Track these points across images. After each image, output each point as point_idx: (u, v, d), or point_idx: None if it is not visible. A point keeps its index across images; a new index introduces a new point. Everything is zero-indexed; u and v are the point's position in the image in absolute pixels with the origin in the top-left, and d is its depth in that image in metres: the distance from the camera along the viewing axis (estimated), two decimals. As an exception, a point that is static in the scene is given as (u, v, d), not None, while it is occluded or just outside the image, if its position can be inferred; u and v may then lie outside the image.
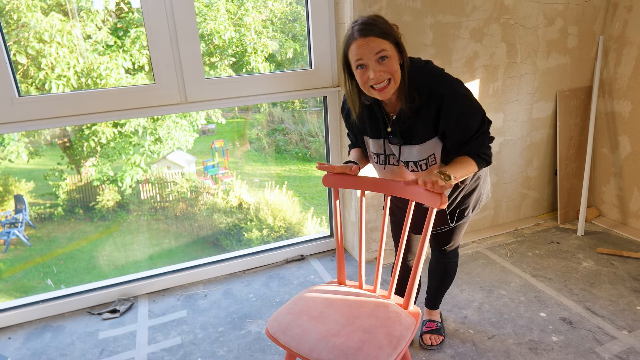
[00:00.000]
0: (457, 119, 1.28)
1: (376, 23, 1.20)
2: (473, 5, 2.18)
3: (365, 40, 1.19)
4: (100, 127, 5.10)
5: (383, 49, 1.19)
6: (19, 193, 5.90)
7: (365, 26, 1.20)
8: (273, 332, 1.26)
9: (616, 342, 1.76)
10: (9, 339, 1.93)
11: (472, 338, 1.82)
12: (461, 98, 1.28)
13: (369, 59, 1.20)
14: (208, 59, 5.31)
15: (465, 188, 1.49)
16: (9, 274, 5.20)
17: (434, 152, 1.35)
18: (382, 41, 1.19)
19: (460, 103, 1.27)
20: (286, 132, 7.23)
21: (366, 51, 1.19)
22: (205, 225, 5.97)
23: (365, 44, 1.19)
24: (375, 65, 1.20)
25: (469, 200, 1.52)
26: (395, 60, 1.22)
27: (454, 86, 1.28)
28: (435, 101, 1.27)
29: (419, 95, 1.28)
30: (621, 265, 2.28)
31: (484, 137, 1.33)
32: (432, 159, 1.36)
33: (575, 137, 2.71)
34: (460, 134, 1.30)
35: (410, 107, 1.29)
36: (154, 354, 1.80)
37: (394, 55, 1.22)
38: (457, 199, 1.50)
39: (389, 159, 1.43)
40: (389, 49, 1.20)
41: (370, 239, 2.37)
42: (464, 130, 1.30)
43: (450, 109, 1.26)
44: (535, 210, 2.83)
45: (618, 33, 2.51)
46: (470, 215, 1.56)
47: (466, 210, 1.53)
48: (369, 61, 1.20)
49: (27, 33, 4.40)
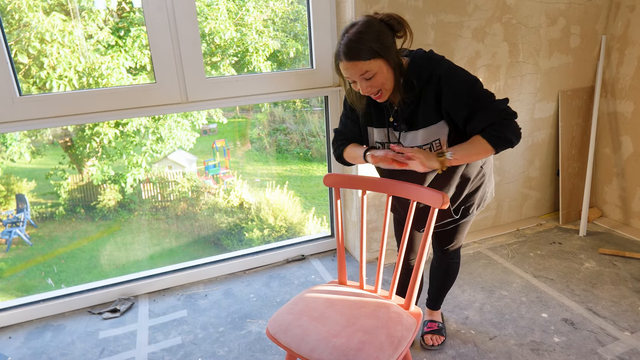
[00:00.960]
0: (455, 97, 1.27)
1: (361, 42, 1.21)
2: (475, 5, 2.18)
3: (351, 64, 1.24)
4: (102, 127, 5.11)
5: (367, 70, 1.24)
6: (20, 192, 5.91)
7: (349, 49, 1.23)
8: (273, 333, 1.26)
9: (618, 343, 1.75)
10: (9, 338, 1.93)
11: (474, 339, 1.81)
12: (456, 77, 1.28)
13: (355, 78, 1.26)
14: (209, 59, 5.31)
15: (470, 185, 1.48)
16: (10, 273, 5.21)
17: (438, 137, 1.34)
18: (367, 63, 1.23)
19: (456, 81, 1.28)
20: (287, 132, 7.23)
21: (352, 73, 1.25)
22: (206, 224, 5.97)
23: (351, 67, 1.24)
24: (362, 83, 1.27)
25: (473, 198, 1.51)
26: (382, 73, 1.25)
27: (450, 67, 1.30)
28: (434, 83, 1.29)
29: (418, 80, 1.29)
30: (623, 266, 2.27)
31: (494, 108, 1.28)
32: (436, 144, 1.35)
33: (578, 137, 2.70)
34: (464, 111, 1.28)
35: (408, 96, 1.31)
36: (154, 354, 1.80)
37: (380, 70, 1.25)
38: (462, 194, 1.49)
39: None
40: (374, 67, 1.24)
41: (371, 239, 2.37)
42: (466, 107, 1.27)
43: (449, 87, 1.28)
44: (537, 210, 2.83)
45: (621, 33, 2.50)
46: (474, 212, 1.55)
47: (471, 207, 1.53)
48: (356, 79, 1.27)
49: (28, 33, 4.40)
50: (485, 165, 1.49)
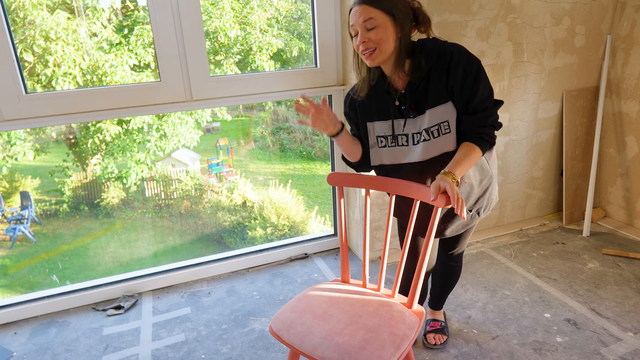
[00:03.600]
0: (463, 74, 1.26)
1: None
2: (479, 4, 2.17)
3: (360, 8, 1.23)
4: (105, 124, 5.13)
5: (371, 17, 1.22)
6: (24, 190, 5.95)
7: None
8: (277, 330, 1.26)
9: (621, 343, 1.75)
10: (14, 334, 1.95)
11: (476, 338, 1.81)
12: (468, 57, 1.27)
13: (358, 25, 1.24)
14: (213, 57, 5.32)
15: (479, 188, 1.46)
16: (14, 270, 5.25)
17: (447, 119, 1.31)
18: (374, 10, 1.22)
19: (467, 60, 1.26)
20: (291, 131, 7.23)
21: (357, 17, 1.24)
22: (210, 223, 5.99)
23: (358, 11, 1.23)
24: (363, 33, 1.24)
25: (481, 201, 1.48)
26: (384, 30, 1.23)
27: (464, 48, 1.29)
28: (444, 59, 1.26)
29: (427, 59, 1.28)
30: (627, 267, 2.26)
31: (492, 111, 1.30)
32: (445, 127, 1.31)
33: (582, 138, 2.69)
34: (467, 94, 1.27)
35: (417, 76, 1.29)
36: (158, 351, 1.81)
37: (384, 25, 1.23)
38: (470, 198, 1.47)
39: (398, 140, 1.39)
40: (379, 19, 1.22)
41: (374, 237, 2.37)
42: (471, 90, 1.27)
43: (458, 63, 1.26)
44: (540, 210, 2.82)
45: (626, 32, 2.49)
46: (482, 216, 1.53)
47: (480, 210, 1.50)
48: (358, 28, 1.24)
49: (33, 31, 4.43)
50: (492, 166, 1.47)
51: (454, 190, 1.17)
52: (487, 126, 1.31)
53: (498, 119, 1.34)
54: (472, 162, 1.28)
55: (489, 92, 1.30)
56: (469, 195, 1.44)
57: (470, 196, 1.45)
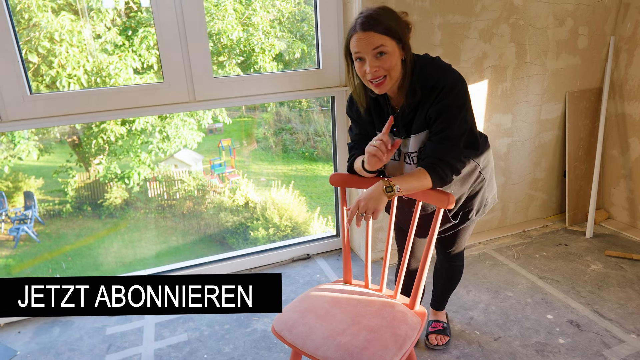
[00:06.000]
0: (444, 106, 1.24)
1: (380, 17, 1.20)
2: (482, 5, 2.17)
3: (365, 35, 1.19)
4: (109, 125, 5.15)
5: (382, 44, 1.18)
6: (28, 190, 5.97)
7: (367, 19, 1.19)
8: (279, 330, 1.27)
9: (624, 345, 1.74)
10: (18, 333, 1.96)
11: (478, 339, 1.81)
12: (457, 93, 1.25)
13: (366, 52, 1.20)
14: (216, 58, 5.34)
15: (469, 190, 1.46)
16: (18, 270, 5.27)
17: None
18: (382, 37, 1.18)
19: (455, 96, 1.24)
20: (293, 132, 7.24)
21: (365, 45, 1.19)
22: (212, 223, 6.00)
23: (364, 38, 1.19)
24: (373, 61, 1.20)
25: (472, 203, 1.48)
26: (394, 56, 1.21)
27: (459, 83, 1.26)
28: (436, 92, 1.25)
29: (422, 89, 1.26)
30: (630, 269, 2.26)
31: (457, 151, 1.26)
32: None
33: (585, 139, 2.69)
34: (441, 124, 1.25)
35: (410, 102, 1.28)
36: (161, 350, 1.82)
37: (393, 51, 1.21)
38: (460, 200, 1.47)
39: (395, 154, 1.40)
40: (389, 45, 1.20)
41: (376, 238, 2.37)
42: (446, 121, 1.24)
43: (445, 96, 1.23)
44: (543, 211, 2.81)
45: (629, 34, 2.48)
46: (474, 218, 1.52)
47: (470, 212, 1.50)
48: (366, 55, 1.20)
49: (37, 32, 4.45)
50: (485, 170, 1.46)
51: (357, 203, 1.19)
52: (444, 161, 1.25)
53: (460, 164, 1.28)
54: (418, 183, 1.24)
55: (462, 132, 1.26)
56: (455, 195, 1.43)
57: (461, 198, 1.45)
